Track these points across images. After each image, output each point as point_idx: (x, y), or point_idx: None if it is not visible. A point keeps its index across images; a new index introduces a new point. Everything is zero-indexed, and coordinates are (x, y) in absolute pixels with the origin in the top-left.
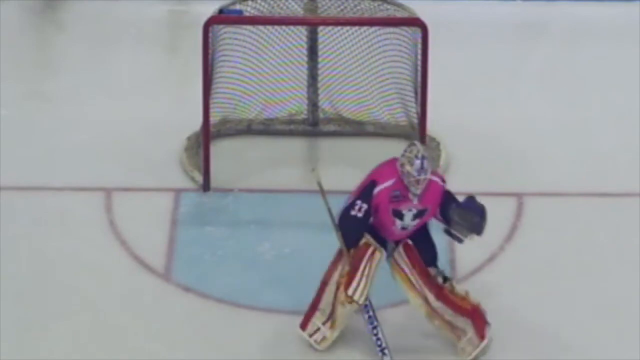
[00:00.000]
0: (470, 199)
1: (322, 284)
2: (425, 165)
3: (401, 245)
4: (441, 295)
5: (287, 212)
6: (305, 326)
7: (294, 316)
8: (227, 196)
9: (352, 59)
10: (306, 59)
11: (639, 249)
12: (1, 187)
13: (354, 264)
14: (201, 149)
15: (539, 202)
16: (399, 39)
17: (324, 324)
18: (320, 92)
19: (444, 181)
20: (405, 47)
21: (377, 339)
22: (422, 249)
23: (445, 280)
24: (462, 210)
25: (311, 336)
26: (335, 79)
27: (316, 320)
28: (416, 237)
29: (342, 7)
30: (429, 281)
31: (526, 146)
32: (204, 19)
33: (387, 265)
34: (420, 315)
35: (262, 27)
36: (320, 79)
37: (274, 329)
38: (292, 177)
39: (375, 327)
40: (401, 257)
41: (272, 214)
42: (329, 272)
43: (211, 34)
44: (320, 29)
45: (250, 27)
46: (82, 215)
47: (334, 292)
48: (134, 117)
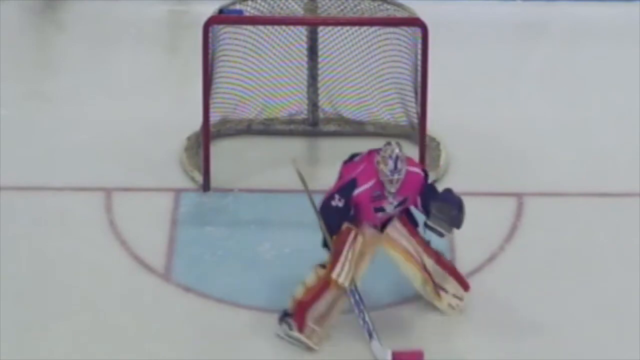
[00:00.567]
0: (446, 192)
1: (323, 284)
2: (398, 165)
3: (395, 219)
4: (440, 260)
5: (287, 212)
6: (302, 328)
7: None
8: (227, 196)
9: (352, 59)
10: (306, 59)
11: (639, 249)
12: (1, 187)
13: (336, 248)
14: (201, 149)
15: (539, 202)
16: (399, 39)
17: (317, 324)
18: (320, 92)
19: (424, 171)
20: (405, 47)
21: (364, 323)
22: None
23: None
24: (440, 203)
25: (309, 339)
26: (335, 79)
27: (309, 322)
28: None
29: (342, 7)
30: (428, 248)
31: (526, 146)
32: (204, 19)
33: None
34: (415, 284)
35: (262, 27)
36: (320, 79)
37: (273, 329)
38: (292, 177)
39: (361, 312)
40: (397, 230)
41: (272, 214)
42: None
43: (211, 34)
44: (320, 29)
45: (250, 27)
46: (82, 215)
47: (336, 292)
48: (134, 117)
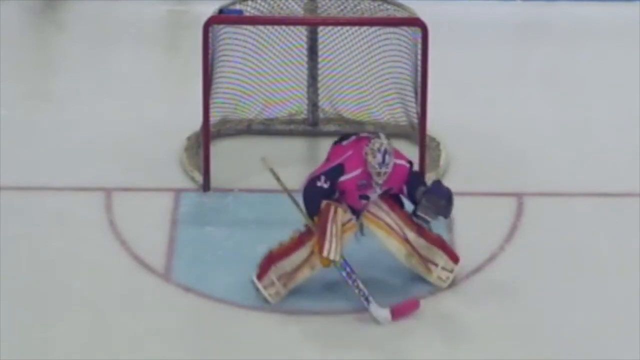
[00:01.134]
0: (436, 183)
1: (296, 243)
2: (386, 159)
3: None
4: (421, 231)
5: (287, 212)
6: (262, 277)
7: (294, 316)
8: (227, 196)
9: (352, 59)
10: (306, 59)
11: (639, 249)
12: (1, 187)
13: (320, 227)
14: (201, 149)
15: (539, 202)
16: (399, 39)
17: (278, 280)
18: (320, 92)
19: (409, 163)
20: (405, 47)
21: (359, 290)
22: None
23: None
24: (429, 194)
25: (265, 289)
26: (335, 79)
27: (272, 274)
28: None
29: (342, 7)
30: (409, 220)
31: (526, 146)
32: (204, 19)
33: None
34: (399, 257)
35: (262, 27)
36: (320, 79)
37: (273, 329)
38: (292, 177)
39: (355, 280)
40: (378, 206)
41: (272, 214)
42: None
43: (211, 34)
44: (320, 29)
45: (250, 27)
46: (82, 215)
47: (305, 257)
48: (134, 117)
